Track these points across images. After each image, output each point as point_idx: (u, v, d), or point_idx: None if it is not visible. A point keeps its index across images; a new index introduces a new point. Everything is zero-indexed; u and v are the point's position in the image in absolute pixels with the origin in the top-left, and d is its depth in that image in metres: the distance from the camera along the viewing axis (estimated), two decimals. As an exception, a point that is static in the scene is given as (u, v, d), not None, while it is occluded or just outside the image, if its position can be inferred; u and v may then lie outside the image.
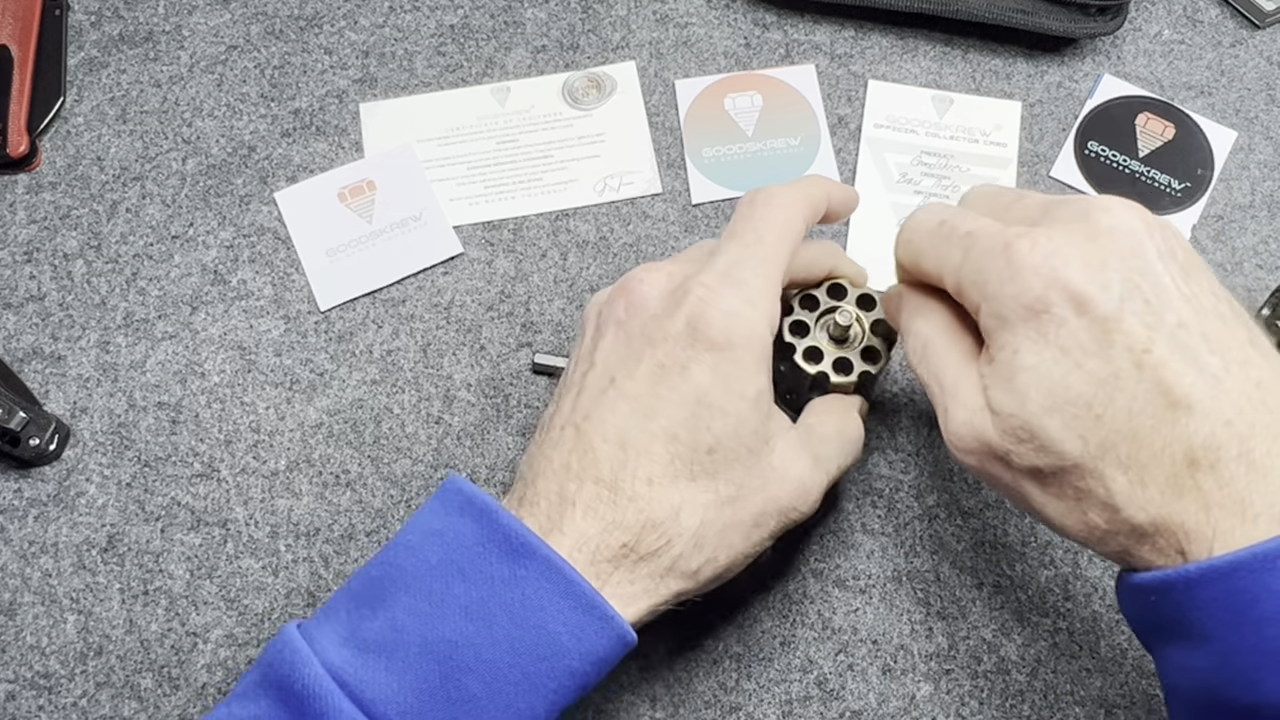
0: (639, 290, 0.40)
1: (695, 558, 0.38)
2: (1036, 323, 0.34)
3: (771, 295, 0.40)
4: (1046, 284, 0.34)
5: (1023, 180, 0.56)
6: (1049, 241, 0.34)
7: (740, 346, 0.38)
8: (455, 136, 0.57)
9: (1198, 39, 0.60)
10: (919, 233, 0.39)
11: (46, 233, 0.54)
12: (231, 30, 0.60)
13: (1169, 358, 0.33)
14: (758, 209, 0.41)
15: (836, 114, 0.58)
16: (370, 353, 0.52)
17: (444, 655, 0.34)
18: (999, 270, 0.35)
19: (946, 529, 0.48)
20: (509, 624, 0.35)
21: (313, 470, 0.49)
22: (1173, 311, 0.33)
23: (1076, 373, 0.33)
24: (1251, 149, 0.57)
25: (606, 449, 0.37)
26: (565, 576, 0.35)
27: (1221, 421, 0.32)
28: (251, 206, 0.55)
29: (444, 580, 0.36)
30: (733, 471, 0.38)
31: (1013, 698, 0.45)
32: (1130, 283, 0.33)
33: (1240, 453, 0.32)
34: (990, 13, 0.57)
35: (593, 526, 0.37)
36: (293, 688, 0.34)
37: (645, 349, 0.38)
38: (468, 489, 0.37)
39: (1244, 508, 0.32)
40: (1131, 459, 0.33)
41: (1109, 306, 0.33)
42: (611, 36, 0.59)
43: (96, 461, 0.50)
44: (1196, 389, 0.32)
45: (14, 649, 0.46)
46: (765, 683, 0.45)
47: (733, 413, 0.38)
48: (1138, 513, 0.33)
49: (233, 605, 0.47)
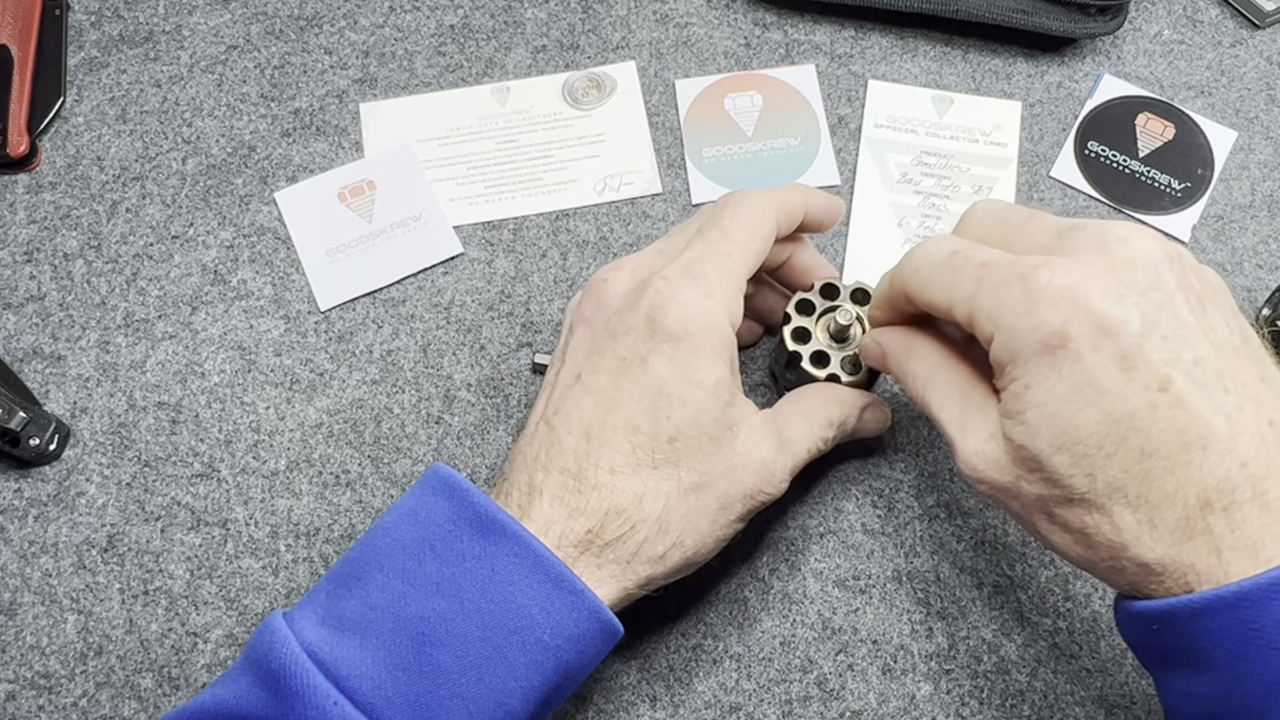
0: (604, 288, 0.41)
1: (660, 542, 0.38)
2: (1051, 358, 0.33)
3: (731, 288, 0.40)
4: (1066, 317, 0.33)
5: (1023, 180, 0.56)
6: (1069, 273, 0.34)
7: (697, 336, 0.39)
8: (455, 136, 0.57)
9: (1198, 39, 0.60)
10: (929, 263, 0.38)
11: (46, 233, 0.54)
12: (231, 30, 0.60)
13: (1186, 395, 0.32)
14: (728, 209, 0.42)
15: (836, 114, 0.58)
16: (370, 353, 0.52)
17: (416, 631, 0.35)
18: (1015, 301, 0.34)
19: (946, 529, 0.48)
20: (479, 598, 0.35)
21: (313, 470, 0.49)
22: (1190, 347, 0.33)
23: (1088, 411, 0.33)
24: (1251, 149, 0.57)
25: (572, 440, 0.39)
26: (534, 552, 0.36)
27: (1237, 463, 0.32)
28: (251, 206, 0.55)
29: (417, 558, 0.36)
30: (695, 459, 0.39)
31: (1013, 698, 0.45)
32: (1149, 317, 0.33)
33: (1254, 495, 0.32)
34: (990, 13, 0.57)
35: (558, 513, 0.38)
36: (269, 666, 0.35)
37: (608, 344, 0.40)
38: (447, 473, 0.38)
39: (1256, 550, 0.31)
40: (1141, 499, 0.33)
41: (1130, 339, 0.33)
42: (611, 36, 0.59)
43: (96, 461, 0.50)
44: (1213, 428, 0.32)
45: (14, 649, 0.46)
46: (765, 683, 0.45)
47: (691, 402, 0.39)
48: (1145, 552, 0.33)
49: (233, 605, 0.47)
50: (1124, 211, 0.55)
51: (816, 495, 0.49)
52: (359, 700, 0.34)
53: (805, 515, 0.48)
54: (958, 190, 0.56)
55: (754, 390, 0.51)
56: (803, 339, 0.45)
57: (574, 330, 0.42)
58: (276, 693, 0.34)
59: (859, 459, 0.49)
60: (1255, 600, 0.30)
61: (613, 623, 0.37)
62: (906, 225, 0.55)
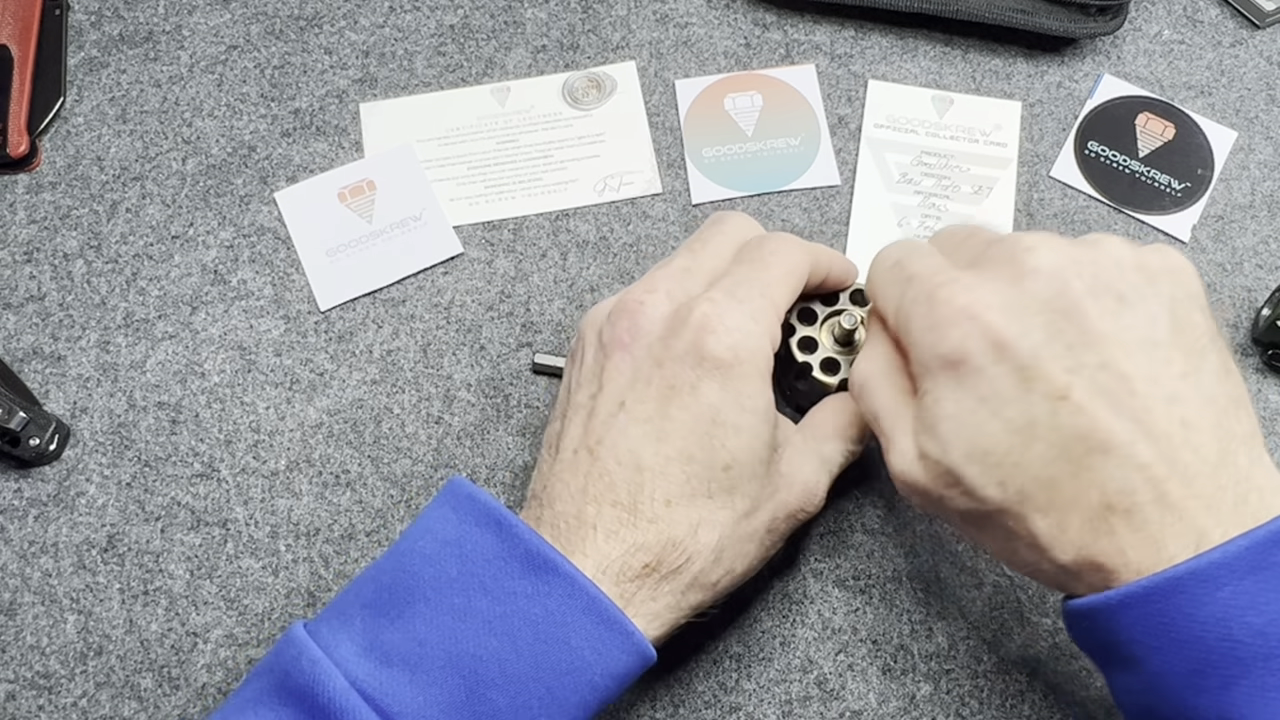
0: (641, 313, 0.40)
1: (714, 571, 0.38)
2: (955, 372, 0.34)
3: (773, 315, 0.40)
4: (965, 334, 0.34)
5: (1023, 180, 0.56)
6: (968, 292, 0.35)
7: (747, 362, 0.38)
8: (455, 136, 0.57)
9: (1198, 39, 0.60)
10: (877, 269, 0.40)
11: (46, 233, 0.54)
12: (231, 30, 0.60)
13: (1087, 403, 0.33)
14: (770, 242, 0.42)
15: (836, 114, 0.58)
16: (370, 353, 0.52)
17: (469, 670, 0.34)
18: (922, 317, 0.35)
19: (946, 529, 0.48)
20: (533, 639, 0.35)
21: (313, 470, 0.49)
22: (1095, 352, 0.33)
23: (993, 421, 0.34)
24: (1251, 149, 0.57)
25: (622, 472, 0.38)
26: (587, 593, 0.35)
27: (1135, 466, 0.32)
28: (251, 206, 0.55)
29: (465, 594, 0.35)
30: (749, 485, 0.39)
31: (1013, 698, 0.45)
32: (1053, 326, 0.33)
33: (1155, 496, 0.32)
34: (990, 13, 0.57)
35: (615, 549, 0.37)
36: (316, 700, 0.34)
37: (654, 371, 0.39)
38: (479, 496, 0.37)
39: (1159, 548, 0.32)
40: (1051, 504, 0.33)
41: (1026, 353, 0.33)
42: (611, 36, 0.59)
43: (96, 461, 0.50)
44: (1114, 433, 0.32)
45: (14, 649, 0.46)
46: (765, 683, 0.45)
47: (746, 428, 0.38)
48: (1061, 554, 0.34)
49: (233, 605, 0.47)
50: (1124, 212, 0.55)
51: (816, 495, 0.49)
52: None
53: (805, 515, 0.48)
54: (958, 190, 0.56)
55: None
56: (809, 348, 0.45)
57: (608, 354, 0.40)
58: None
59: (859, 459, 0.49)
60: (1162, 594, 0.31)
61: (653, 657, 0.37)
62: (906, 225, 0.55)
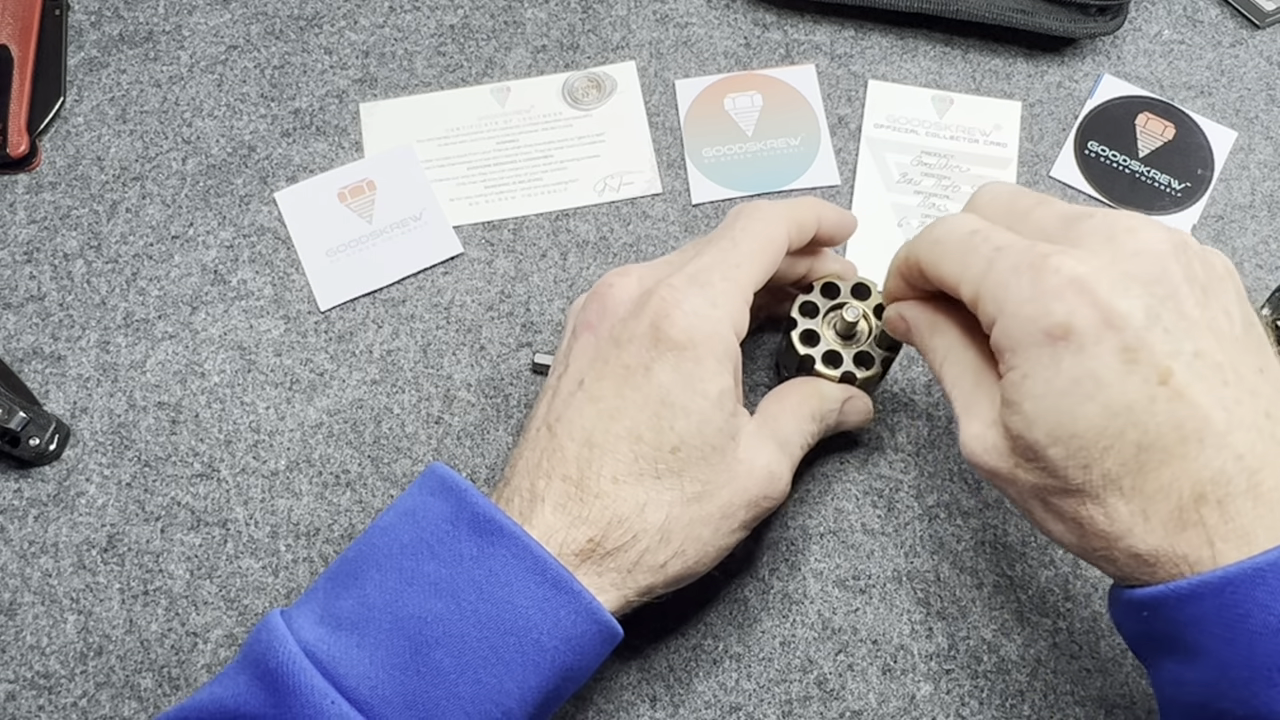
0: (609, 294, 0.41)
1: (661, 552, 0.39)
2: (1052, 349, 0.33)
3: (738, 299, 0.40)
4: (1072, 308, 0.33)
5: (1023, 180, 0.56)
6: (1079, 264, 0.33)
7: (701, 345, 0.39)
8: (455, 136, 0.57)
9: (1198, 39, 0.60)
10: (948, 238, 0.38)
11: (46, 233, 0.54)
12: (231, 30, 0.60)
13: (1186, 388, 0.32)
14: (739, 220, 0.42)
15: (836, 114, 0.58)
16: (370, 353, 0.52)
17: (413, 630, 0.35)
18: (1023, 288, 0.34)
19: (946, 529, 0.48)
20: (477, 599, 0.36)
21: (313, 470, 0.49)
22: (1192, 339, 0.33)
23: (1087, 405, 0.33)
24: (1251, 149, 0.57)
25: (574, 448, 0.39)
26: (532, 553, 0.36)
27: (1233, 456, 0.32)
28: (251, 206, 0.55)
29: (414, 558, 0.36)
30: (698, 469, 0.39)
31: (1013, 698, 0.45)
32: (1153, 310, 0.33)
33: (1248, 487, 0.32)
34: (990, 13, 0.57)
35: (560, 521, 0.38)
36: (267, 664, 0.35)
37: (612, 351, 0.39)
38: (445, 473, 0.38)
39: (1249, 540, 0.31)
40: (1136, 490, 0.33)
41: (1134, 332, 0.32)
42: (611, 36, 0.59)
43: (96, 461, 0.50)
44: (1210, 421, 0.32)
45: (14, 649, 0.46)
46: (765, 683, 0.45)
47: (695, 411, 0.38)
48: (1138, 543, 0.33)
49: (233, 605, 0.47)
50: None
51: (816, 495, 0.49)
52: (356, 699, 0.34)
53: (805, 515, 0.48)
54: (958, 190, 0.56)
55: (755, 390, 0.51)
56: (811, 342, 0.45)
57: (577, 335, 0.41)
58: (274, 691, 0.34)
59: (859, 459, 0.50)
60: (1240, 585, 0.31)
61: (611, 625, 0.37)
62: (906, 225, 0.55)
